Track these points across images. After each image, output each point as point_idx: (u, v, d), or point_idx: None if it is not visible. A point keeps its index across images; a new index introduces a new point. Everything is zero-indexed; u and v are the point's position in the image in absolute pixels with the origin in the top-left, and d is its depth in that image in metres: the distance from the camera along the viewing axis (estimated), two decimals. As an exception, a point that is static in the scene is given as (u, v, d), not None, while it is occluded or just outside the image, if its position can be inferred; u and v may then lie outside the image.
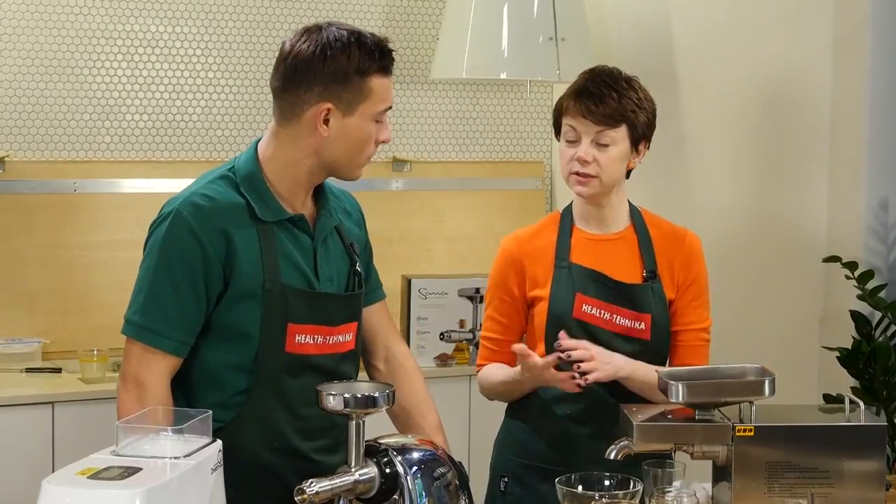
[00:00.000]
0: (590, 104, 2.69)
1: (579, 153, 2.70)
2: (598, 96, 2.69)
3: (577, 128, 2.71)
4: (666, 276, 2.78)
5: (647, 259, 2.78)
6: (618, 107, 2.70)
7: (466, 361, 4.33)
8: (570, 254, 2.78)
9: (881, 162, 3.67)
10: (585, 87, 2.72)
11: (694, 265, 2.81)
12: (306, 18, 4.57)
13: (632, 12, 4.60)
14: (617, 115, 2.70)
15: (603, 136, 2.70)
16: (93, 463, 1.90)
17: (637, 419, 2.36)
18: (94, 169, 4.28)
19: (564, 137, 2.74)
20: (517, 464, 2.81)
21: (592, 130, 2.70)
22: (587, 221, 2.81)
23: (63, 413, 3.75)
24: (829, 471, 2.34)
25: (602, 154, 2.70)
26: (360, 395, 2.12)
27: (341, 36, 2.40)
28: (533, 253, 2.81)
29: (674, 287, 2.78)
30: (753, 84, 4.04)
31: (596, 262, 2.77)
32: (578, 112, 2.70)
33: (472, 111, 4.90)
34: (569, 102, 2.73)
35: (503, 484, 2.82)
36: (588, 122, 2.70)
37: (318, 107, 2.40)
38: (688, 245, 2.82)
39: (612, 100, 2.69)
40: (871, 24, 3.64)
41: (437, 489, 2.18)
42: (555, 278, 2.76)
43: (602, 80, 2.72)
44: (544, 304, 2.76)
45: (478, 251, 4.74)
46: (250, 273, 2.39)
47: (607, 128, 2.70)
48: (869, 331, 3.55)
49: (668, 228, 2.84)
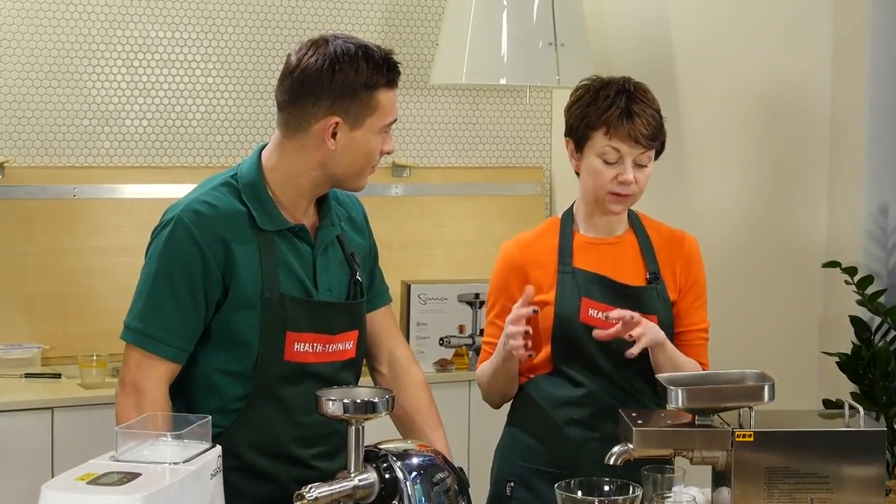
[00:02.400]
0: (642, 129, 2.69)
1: (625, 176, 2.70)
2: (645, 119, 2.70)
3: (622, 150, 2.71)
4: (668, 278, 2.79)
5: (648, 261, 2.79)
6: (657, 125, 2.73)
7: (466, 367, 4.34)
8: (572, 259, 2.78)
9: (881, 167, 3.67)
10: (630, 109, 2.70)
11: (694, 267, 2.83)
12: (306, 24, 4.57)
13: (631, 17, 4.60)
14: (658, 134, 2.74)
15: (644, 156, 2.72)
16: (92, 468, 1.90)
17: (636, 424, 2.36)
18: (93, 174, 4.28)
19: (601, 156, 2.72)
20: (523, 468, 2.81)
21: (636, 152, 2.71)
22: (590, 226, 2.82)
23: (62, 418, 3.75)
24: (829, 476, 2.34)
25: (640, 173, 2.72)
26: (360, 401, 2.12)
27: (349, 49, 2.40)
28: (535, 258, 2.81)
29: (676, 289, 2.80)
30: (753, 90, 4.04)
31: (599, 265, 2.78)
32: (630, 137, 2.69)
33: (472, 117, 4.90)
34: (615, 123, 2.70)
35: (509, 489, 2.82)
36: (638, 145, 2.70)
37: (326, 121, 2.40)
38: (687, 247, 2.84)
39: (654, 119, 2.72)
40: (871, 30, 3.65)
41: (437, 494, 2.18)
42: (559, 283, 2.77)
43: (641, 99, 2.72)
44: (550, 308, 2.76)
45: (477, 256, 4.74)
46: (249, 282, 2.39)
47: (649, 149, 2.73)
48: (868, 336, 3.55)
49: (667, 231, 2.86)
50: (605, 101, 2.72)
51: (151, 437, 1.99)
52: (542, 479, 2.76)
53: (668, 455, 2.39)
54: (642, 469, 2.37)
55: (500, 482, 2.85)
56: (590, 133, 2.73)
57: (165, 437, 1.99)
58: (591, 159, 2.74)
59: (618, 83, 2.76)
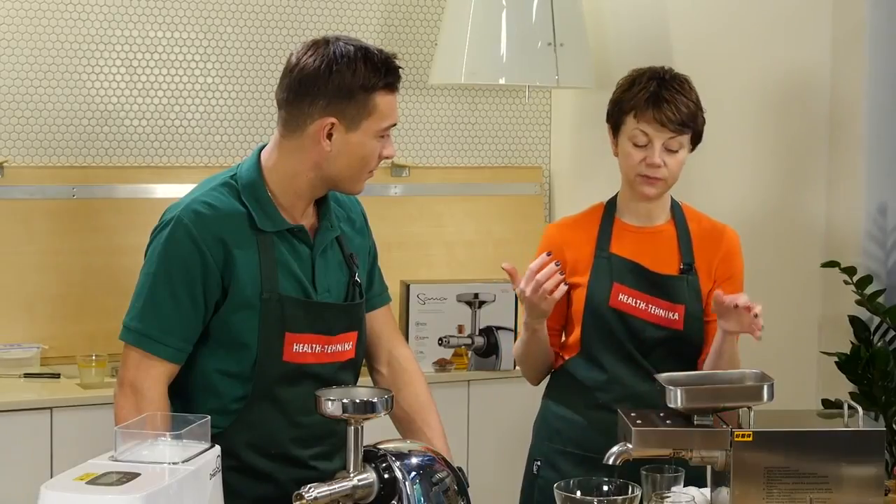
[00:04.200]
0: (668, 113, 2.76)
1: (653, 158, 2.77)
2: (674, 105, 2.76)
3: (649, 133, 2.77)
4: (703, 269, 2.85)
5: (684, 252, 2.86)
6: (689, 113, 2.78)
7: (465, 367, 4.33)
8: (610, 244, 2.86)
9: (880, 166, 3.67)
10: (659, 94, 2.77)
11: (733, 260, 2.90)
12: (305, 24, 4.57)
13: (630, 17, 4.60)
14: (689, 122, 2.78)
15: (674, 141, 2.78)
16: (91, 468, 1.90)
17: (635, 424, 2.36)
18: (92, 174, 4.28)
19: (632, 140, 2.79)
20: (550, 448, 2.89)
21: (665, 136, 2.77)
22: (631, 213, 2.89)
23: (61, 418, 3.75)
24: (828, 476, 2.34)
25: (671, 158, 2.78)
26: (359, 401, 2.12)
27: (348, 51, 2.40)
28: (574, 241, 2.88)
29: (710, 280, 2.85)
30: (752, 89, 4.04)
31: (635, 253, 2.85)
32: (655, 120, 2.76)
33: (471, 116, 4.90)
34: (642, 107, 2.77)
35: (536, 467, 2.90)
36: (665, 129, 2.76)
37: (321, 121, 2.40)
38: (727, 240, 2.91)
39: (685, 107, 2.78)
40: (870, 29, 3.64)
41: (436, 494, 2.18)
42: (594, 267, 2.84)
43: (674, 87, 2.80)
44: (582, 290, 2.84)
45: (476, 256, 4.73)
46: (248, 283, 2.39)
47: (679, 134, 2.78)
48: (867, 336, 3.55)
49: (708, 223, 2.92)
50: (639, 86, 2.81)
51: (150, 437, 1.99)
52: (567, 460, 2.83)
53: (668, 455, 2.39)
54: (641, 469, 2.37)
55: (530, 461, 2.94)
56: (623, 117, 2.82)
57: (164, 437, 1.99)
58: (623, 142, 2.82)
59: (655, 71, 2.85)
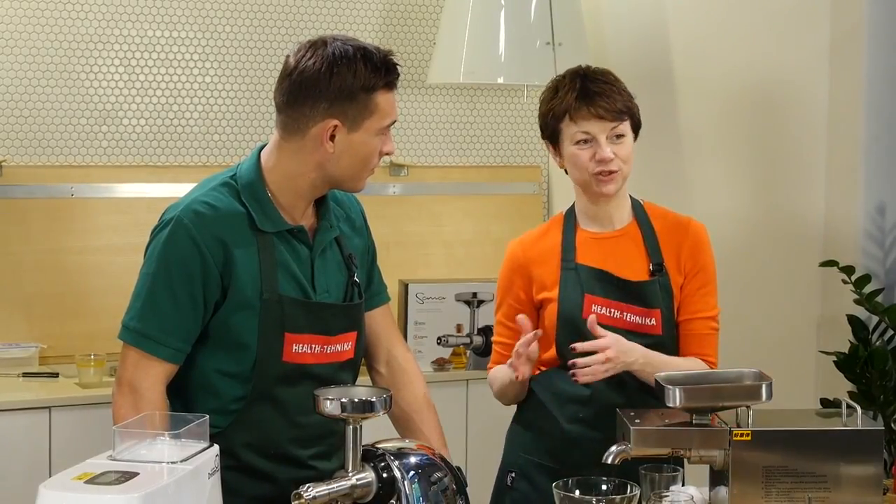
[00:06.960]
0: (602, 104, 2.73)
1: (603, 154, 2.72)
2: (605, 95, 2.73)
3: (590, 130, 2.73)
4: (672, 266, 2.79)
5: (652, 253, 2.79)
6: (622, 100, 2.75)
7: (464, 366, 4.33)
8: (575, 254, 2.79)
9: (878, 166, 3.67)
10: (588, 88, 2.74)
11: (701, 253, 2.82)
12: (303, 23, 4.57)
13: (628, 16, 4.60)
14: (625, 108, 2.75)
15: (616, 131, 2.74)
16: (90, 468, 1.90)
17: (634, 424, 2.36)
18: (91, 174, 4.28)
19: (573, 142, 2.75)
20: (525, 460, 2.82)
21: (607, 128, 2.73)
22: (591, 220, 2.82)
23: (60, 418, 3.75)
24: (827, 475, 2.34)
25: (619, 148, 2.74)
26: (358, 400, 2.13)
27: (347, 52, 2.39)
28: (538, 256, 2.82)
29: (681, 276, 2.79)
30: (750, 88, 4.04)
31: (601, 260, 2.78)
32: (592, 115, 2.73)
33: (470, 116, 4.90)
34: (575, 107, 2.74)
35: (510, 479, 2.84)
36: (604, 121, 2.73)
37: (323, 123, 2.39)
38: (693, 233, 2.83)
39: (618, 94, 2.75)
40: (868, 29, 3.64)
41: (435, 494, 2.18)
42: (562, 280, 2.78)
43: (598, 79, 2.77)
44: (553, 305, 2.77)
45: (475, 256, 4.74)
46: (248, 283, 2.39)
47: (619, 122, 2.74)
48: (866, 335, 3.55)
49: (672, 218, 2.86)
50: (563, 90, 2.77)
51: (149, 436, 1.99)
52: (541, 472, 2.77)
53: (666, 454, 2.39)
54: (640, 468, 2.37)
55: (503, 471, 2.87)
56: (558, 125, 2.77)
57: (163, 436, 1.99)
58: (567, 149, 2.77)
59: (574, 71, 2.82)
